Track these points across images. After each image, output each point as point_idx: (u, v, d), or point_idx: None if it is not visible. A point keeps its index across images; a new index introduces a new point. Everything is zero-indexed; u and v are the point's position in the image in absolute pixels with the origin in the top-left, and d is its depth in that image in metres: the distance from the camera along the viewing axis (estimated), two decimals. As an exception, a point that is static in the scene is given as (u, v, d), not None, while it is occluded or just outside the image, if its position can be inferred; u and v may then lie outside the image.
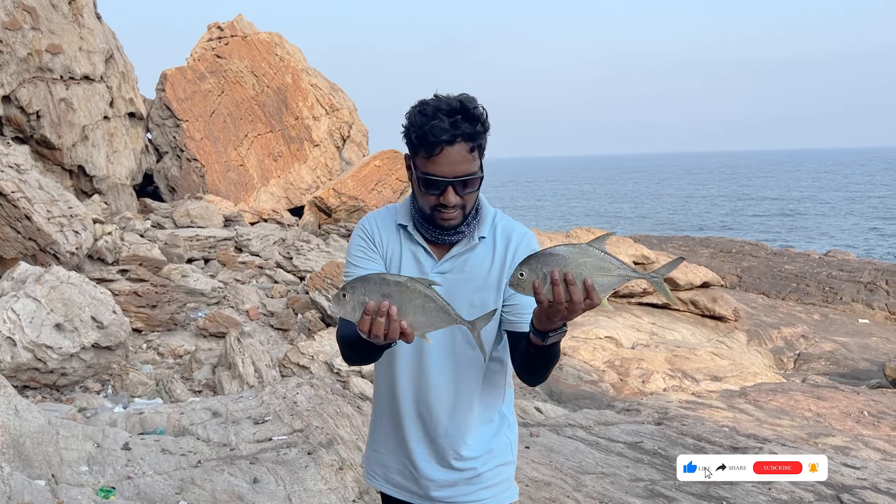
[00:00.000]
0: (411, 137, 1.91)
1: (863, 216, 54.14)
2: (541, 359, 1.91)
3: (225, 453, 4.58)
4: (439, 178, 1.89)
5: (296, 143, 19.47)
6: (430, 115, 1.87)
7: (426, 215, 1.99)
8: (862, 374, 11.62)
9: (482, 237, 2.04)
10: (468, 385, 2.07)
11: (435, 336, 1.97)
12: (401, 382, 2.08)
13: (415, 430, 2.10)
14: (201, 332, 8.48)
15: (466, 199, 1.94)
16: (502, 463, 2.16)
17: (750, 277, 19.83)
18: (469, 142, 1.88)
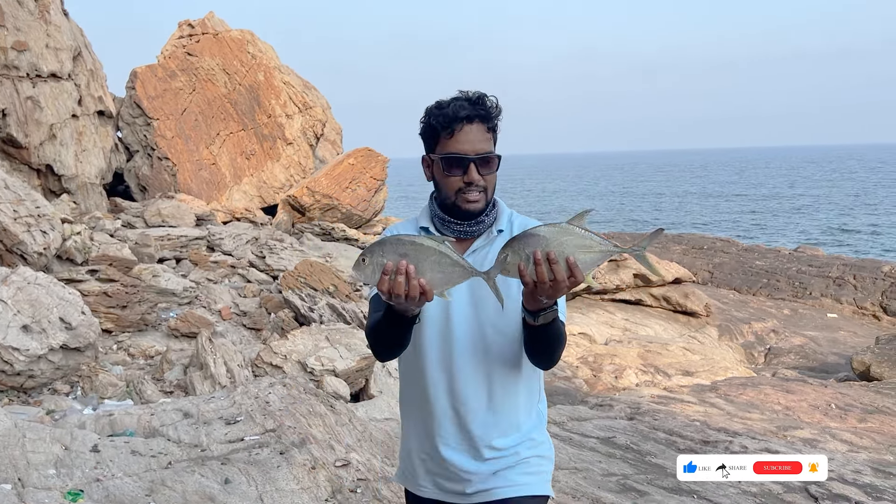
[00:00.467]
0: (431, 124, 2.04)
1: (832, 212, 54.96)
2: (540, 339, 1.93)
3: (196, 454, 4.54)
4: (461, 154, 1.99)
5: (269, 141, 19.33)
6: (449, 102, 2.02)
7: (448, 205, 2.06)
8: (830, 368, 11.80)
9: (500, 230, 2.09)
10: (502, 376, 2.07)
11: (463, 329, 2.03)
12: (431, 378, 2.07)
13: (450, 426, 2.08)
14: (173, 332, 8.40)
15: (488, 180, 2.03)
16: (544, 455, 2.16)
17: (721, 273, 20.05)
18: (486, 122, 2.02)
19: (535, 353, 2.00)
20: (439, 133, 2.02)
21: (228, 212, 17.31)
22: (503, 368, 2.06)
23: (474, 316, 2.05)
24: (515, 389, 2.09)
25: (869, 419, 6.56)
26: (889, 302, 17.33)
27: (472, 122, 2.00)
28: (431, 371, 2.06)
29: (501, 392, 2.07)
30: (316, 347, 7.15)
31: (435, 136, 2.04)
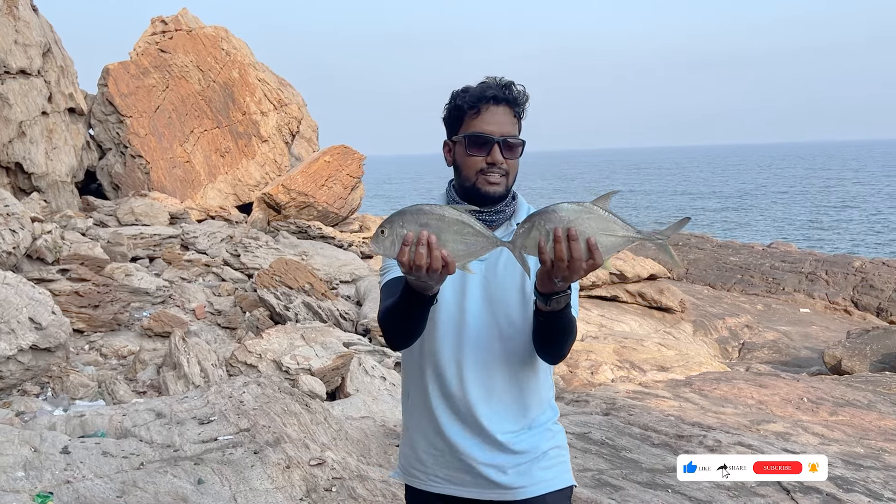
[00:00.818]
0: (457, 104, 2.01)
1: (805, 207, 55.66)
2: (550, 328, 1.88)
3: (168, 455, 4.49)
4: (486, 134, 1.96)
5: (243, 138, 19.19)
6: (477, 85, 2.01)
7: (468, 189, 2.02)
8: (803, 362, 11.96)
9: (519, 223, 2.04)
10: (516, 369, 2.03)
11: (477, 321, 1.98)
12: (443, 371, 2.02)
13: (464, 420, 2.03)
14: (146, 331, 8.31)
15: (510, 165, 2.00)
16: (560, 446, 2.14)
17: (696, 269, 20.23)
18: (513, 106, 2.00)
19: (544, 343, 1.95)
20: (464, 113, 2.00)
21: (203, 210, 17.17)
22: (518, 361, 2.02)
23: (489, 307, 2.00)
24: (529, 383, 2.06)
25: (840, 412, 6.64)
26: (860, 297, 17.59)
27: (500, 104, 1.98)
28: (443, 363, 2.02)
29: (515, 385, 2.03)
30: (291, 346, 7.11)
31: (460, 116, 2.01)
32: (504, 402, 2.03)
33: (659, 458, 5.31)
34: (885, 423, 6.37)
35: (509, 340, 2.00)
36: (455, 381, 2.01)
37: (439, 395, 2.04)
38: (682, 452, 5.47)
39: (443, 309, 1.99)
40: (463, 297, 2.00)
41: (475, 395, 2.01)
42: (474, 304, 2.00)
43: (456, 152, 2.04)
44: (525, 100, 2.03)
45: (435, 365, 2.03)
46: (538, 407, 2.09)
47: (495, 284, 1.99)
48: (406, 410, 2.19)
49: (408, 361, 2.15)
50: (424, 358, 2.06)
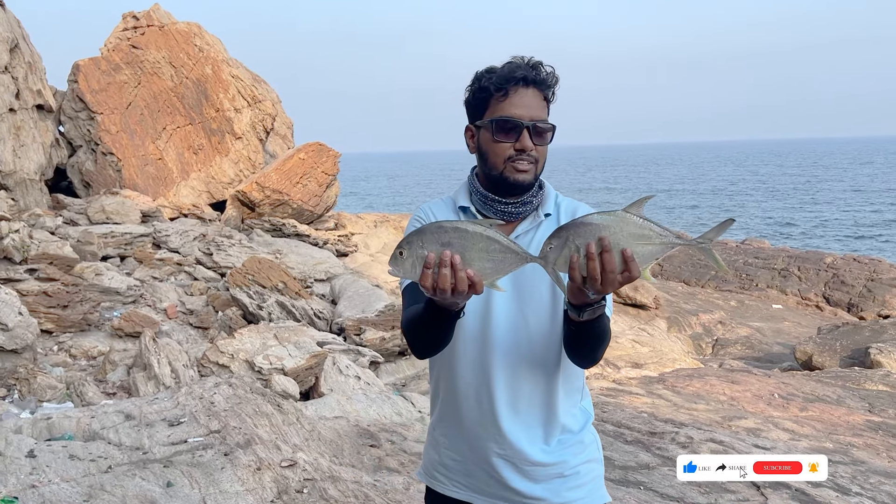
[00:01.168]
0: (482, 86, 1.87)
1: (778, 203, 56.29)
2: (583, 337, 1.77)
3: (137, 457, 4.43)
4: (515, 119, 1.83)
5: (217, 135, 19.01)
6: (504, 65, 1.87)
7: (495, 178, 1.89)
8: (775, 358, 12.08)
9: (548, 214, 1.94)
10: (546, 373, 1.91)
11: (505, 324, 1.87)
12: (468, 375, 1.93)
13: (489, 426, 1.92)
14: (116, 332, 8.20)
15: (540, 152, 1.87)
16: (593, 459, 2.01)
17: (671, 266, 20.37)
18: (543, 89, 1.87)
19: (577, 351, 1.83)
20: (490, 96, 1.86)
21: (176, 208, 16.98)
22: (547, 366, 1.91)
23: (517, 309, 1.89)
24: (560, 386, 1.94)
25: (810, 408, 6.72)
26: (831, 292, 17.81)
27: (529, 86, 1.84)
28: (468, 367, 1.92)
29: (546, 388, 1.92)
30: (264, 346, 7.05)
31: (485, 99, 1.87)
32: (533, 406, 1.92)
33: (631, 456, 5.33)
34: (853, 419, 6.45)
35: (539, 341, 1.90)
36: (481, 384, 1.91)
37: (465, 399, 1.94)
38: (654, 449, 5.51)
39: (468, 310, 1.86)
40: (489, 293, 1.88)
41: (502, 401, 1.90)
42: (502, 301, 1.89)
43: (481, 138, 1.90)
44: (555, 82, 1.89)
45: (461, 366, 1.93)
46: (570, 412, 1.98)
47: (524, 280, 1.87)
48: (434, 411, 2.09)
49: (435, 363, 2.05)
50: (452, 358, 1.95)
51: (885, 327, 10.69)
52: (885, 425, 6.30)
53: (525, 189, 1.91)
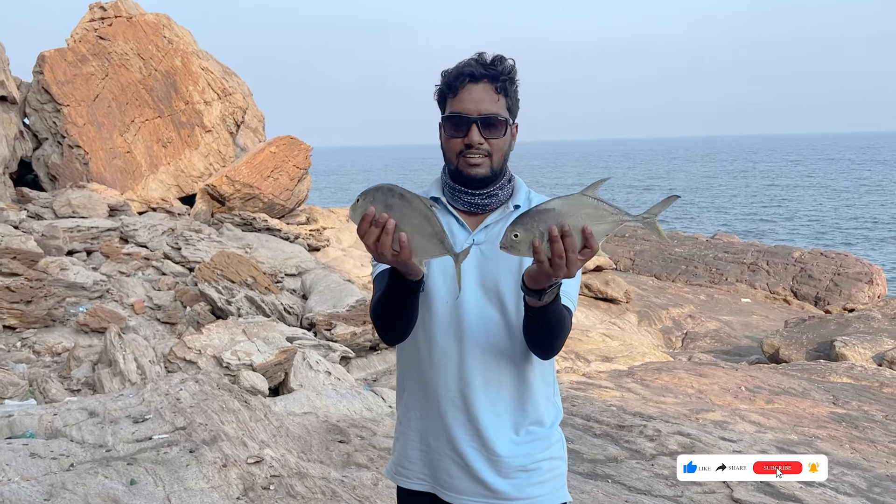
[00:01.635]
0: (440, 87, 1.93)
1: (747, 198, 56.99)
2: (540, 323, 1.78)
3: (100, 455, 4.36)
4: (463, 114, 1.87)
5: (186, 128, 18.77)
6: (460, 62, 1.91)
7: (453, 171, 1.94)
8: (743, 351, 12.23)
9: (517, 206, 1.96)
10: (518, 365, 1.93)
11: (475, 315, 1.90)
12: (438, 366, 1.94)
13: (459, 418, 1.93)
14: (82, 327, 8.07)
15: (492, 144, 1.89)
16: (557, 457, 2.02)
17: (642, 260, 20.52)
18: (494, 82, 1.89)
19: (536, 339, 1.84)
20: (446, 94, 1.92)
21: (144, 202, 16.76)
22: (516, 356, 1.92)
23: (486, 299, 1.91)
24: (532, 379, 1.95)
25: (776, 400, 6.80)
26: (799, 286, 18.07)
27: (479, 81, 1.88)
28: (438, 359, 1.93)
29: (517, 378, 1.94)
30: (232, 341, 6.98)
31: (444, 98, 1.93)
32: (504, 395, 1.94)
33: (600, 449, 5.36)
34: (817, 411, 6.54)
35: (509, 331, 1.91)
36: (453, 373, 1.93)
37: (436, 388, 1.95)
38: (622, 442, 5.54)
39: (437, 298, 1.92)
40: (453, 284, 1.89)
41: (475, 388, 1.91)
42: (470, 292, 1.91)
43: (441, 135, 1.96)
44: (510, 74, 1.91)
45: (430, 357, 1.95)
46: (541, 405, 1.99)
47: (489, 271, 1.90)
48: (401, 406, 2.10)
49: (403, 354, 2.06)
50: (419, 350, 1.97)
51: (850, 321, 10.86)
52: (848, 417, 6.39)
53: (481, 182, 1.93)
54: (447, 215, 1.99)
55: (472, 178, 1.92)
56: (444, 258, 1.76)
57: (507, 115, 1.93)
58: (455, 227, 1.97)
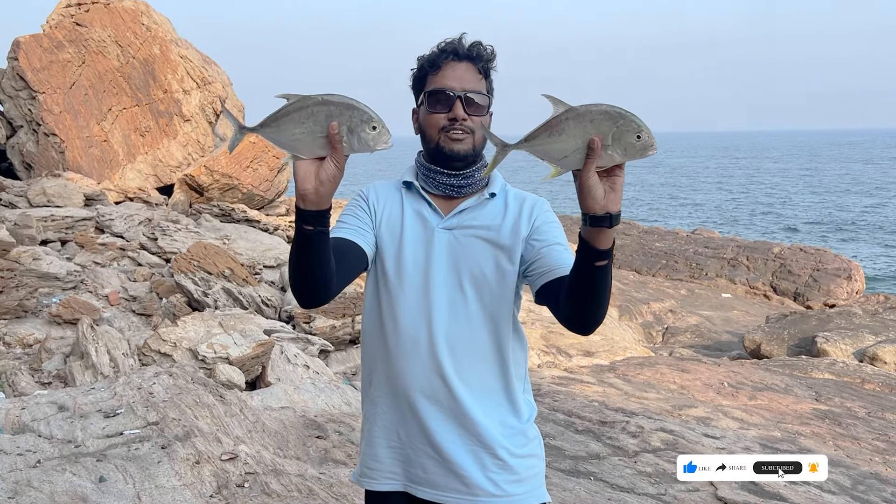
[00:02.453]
0: (421, 65, 1.89)
1: (729, 192, 57.37)
2: (599, 278, 1.56)
3: (69, 451, 4.22)
4: (447, 89, 1.82)
5: (165, 117, 18.49)
6: (440, 43, 1.88)
7: (432, 151, 1.87)
8: (724, 346, 12.23)
9: (493, 193, 1.89)
10: (493, 355, 1.84)
11: (444, 296, 1.80)
12: (406, 356, 1.83)
13: (432, 408, 1.82)
14: (54, 319, 7.88)
15: (475, 122, 1.84)
16: (535, 455, 1.93)
17: (623, 255, 20.53)
18: (477, 63, 1.87)
19: (593, 299, 1.61)
20: (427, 73, 1.87)
21: (121, 191, 16.50)
22: (493, 348, 1.84)
23: (457, 288, 1.83)
24: (506, 371, 1.86)
25: (758, 396, 6.76)
26: (778, 282, 18.14)
27: (461, 60, 1.85)
28: (406, 348, 1.83)
29: (491, 372, 1.84)
30: (208, 334, 6.83)
31: (423, 78, 1.89)
32: (478, 386, 1.84)
33: (582, 445, 5.28)
34: (800, 407, 6.51)
35: (481, 320, 1.83)
36: (423, 364, 1.82)
37: (403, 380, 1.84)
38: (604, 439, 5.47)
39: (406, 284, 1.83)
40: (428, 263, 1.84)
41: (448, 378, 1.81)
42: (440, 278, 1.83)
43: (420, 115, 1.90)
44: (490, 56, 1.89)
45: (398, 347, 1.84)
46: (516, 397, 1.89)
47: (462, 258, 1.83)
48: (366, 402, 1.98)
49: (368, 345, 1.95)
50: (387, 339, 1.86)
51: (832, 316, 10.89)
52: (831, 413, 6.37)
53: (463, 160, 1.87)
54: (419, 199, 1.91)
55: (454, 155, 1.85)
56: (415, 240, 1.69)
57: (488, 95, 1.89)
58: (426, 211, 1.90)
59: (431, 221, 1.88)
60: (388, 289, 1.87)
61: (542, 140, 1.49)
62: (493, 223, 1.87)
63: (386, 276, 1.87)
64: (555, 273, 1.76)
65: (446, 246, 1.85)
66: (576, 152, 1.47)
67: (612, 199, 1.48)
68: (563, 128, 1.46)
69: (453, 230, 1.86)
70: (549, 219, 1.90)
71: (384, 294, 1.88)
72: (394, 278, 1.85)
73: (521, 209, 1.90)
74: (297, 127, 1.52)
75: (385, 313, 1.87)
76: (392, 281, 1.86)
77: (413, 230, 1.88)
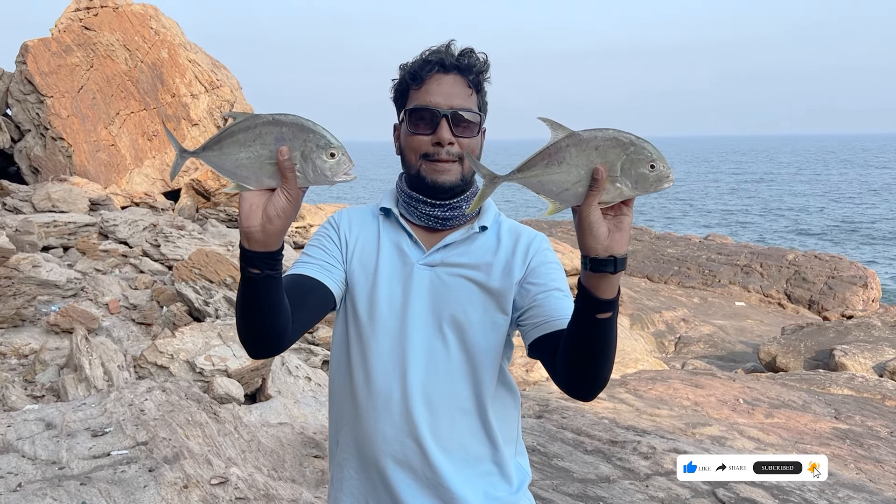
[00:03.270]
0: (402, 78, 1.63)
1: (741, 199, 56.92)
2: (602, 332, 1.33)
3: (52, 473, 4.03)
4: (431, 107, 1.56)
5: (172, 121, 18.39)
6: (424, 51, 1.63)
7: (413, 178, 1.60)
8: (738, 357, 11.95)
9: (484, 227, 1.63)
10: (470, 410, 1.59)
11: (422, 345, 1.55)
12: (376, 414, 1.58)
13: (403, 475, 1.58)
14: (52, 328, 7.71)
15: (463, 145, 1.58)
16: None
17: (634, 261, 20.25)
18: (467, 75, 1.60)
19: (587, 357, 1.39)
20: (409, 85, 1.62)
21: (128, 196, 16.39)
22: (476, 404, 1.59)
23: (437, 335, 1.58)
24: (492, 432, 1.62)
25: (775, 414, 6.50)
26: (793, 289, 17.82)
27: (449, 71, 1.59)
28: (377, 405, 1.58)
29: (475, 434, 1.61)
30: (207, 345, 6.64)
31: (405, 92, 1.63)
32: (459, 451, 1.59)
33: (591, 467, 5.05)
34: (819, 426, 6.25)
35: (464, 372, 1.58)
36: (395, 425, 1.57)
37: (373, 442, 1.60)
38: (615, 460, 5.24)
39: (379, 329, 1.59)
40: (405, 304, 1.59)
41: (422, 441, 1.57)
42: (419, 323, 1.58)
43: (401, 131, 1.65)
44: (483, 67, 1.62)
45: (369, 403, 1.60)
46: (505, 462, 1.65)
47: (445, 300, 1.58)
48: (333, 465, 1.73)
49: (336, 399, 1.70)
50: (356, 394, 1.62)
51: (850, 328, 10.59)
52: (851, 433, 6.10)
53: (450, 192, 1.61)
54: (398, 230, 1.66)
55: (436, 187, 1.59)
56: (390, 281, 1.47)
57: (481, 117, 1.62)
58: (406, 244, 1.64)
59: (411, 256, 1.63)
60: (358, 333, 1.62)
61: (538, 170, 1.27)
62: (482, 261, 1.62)
63: (357, 319, 1.62)
64: (551, 325, 1.50)
65: (427, 285, 1.60)
66: (577, 184, 1.25)
67: (617, 240, 1.26)
68: (564, 156, 1.24)
69: (435, 267, 1.61)
70: (547, 258, 1.64)
71: (354, 339, 1.63)
72: (366, 321, 1.60)
73: (516, 246, 1.64)
74: (243, 151, 1.28)
75: (355, 362, 1.62)
76: (364, 324, 1.61)
77: (389, 265, 1.62)
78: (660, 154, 1.23)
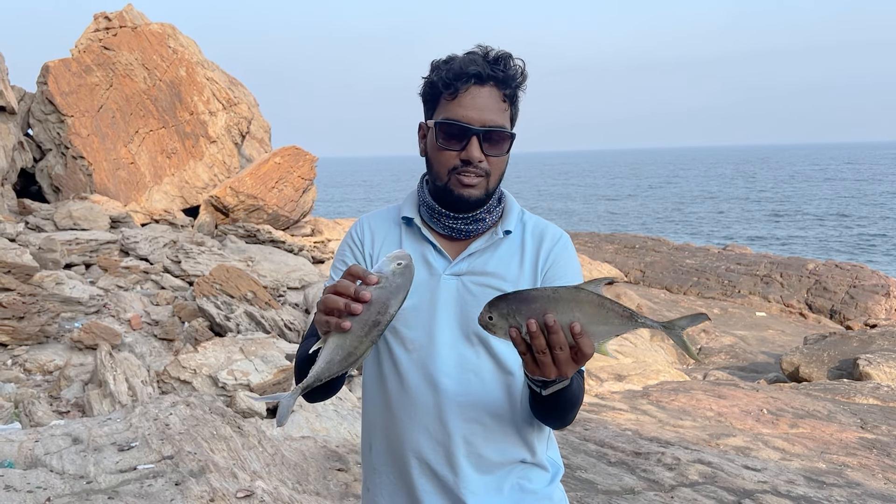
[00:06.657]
0: (433, 81, 1.57)
1: (761, 210, 56.53)
2: (548, 406, 1.47)
3: (80, 487, 4.06)
4: (464, 123, 1.53)
5: (191, 139, 18.56)
6: (460, 56, 1.56)
7: (440, 189, 1.60)
8: (760, 367, 11.85)
9: (508, 231, 1.63)
10: (503, 416, 1.60)
11: (450, 354, 1.58)
12: (409, 423, 1.60)
13: (428, 486, 1.60)
14: (76, 344, 7.79)
15: (492, 163, 1.57)
16: None
17: (653, 272, 20.16)
18: (503, 88, 1.55)
19: (542, 417, 1.55)
20: (441, 92, 1.56)
21: (147, 213, 16.53)
22: (509, 410, 1.60)
23: (466, 344, 1.59)
24: (527, 435, 1.63)
25: (800, 424, 6.44)
26: (813, 299, 17.67)
27: (485, 84, 1.54)
28: (410, 413, 1.60)
29: (509, 440, 1.61)
30: (229, 360, 6.68)
31: (435, 96, 1.58)
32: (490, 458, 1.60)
33: (615, 479, 5.02)
34: (845, 436, 6.18)
35: (494, 379, 1.60)
36: (427, 434, 1.59)
37: (403, 451, 1.61)
38: (639, 471, 5.21)
39: (409, 332, 1.60)
40: (432, 315, 1.59)
41: (455, 453, 1.58)
42: (446, 334, 1.58)
43: (428, 141, 1.62)
44: (521, 79, 1.58)
45: (403, 412, 1.61)
46: (538, 457, 1.67)
47: (473, 308, 1.56)
48: (368, 468, 1.73)
49: (369, 405, 1.71)
50: (391, 402, 1.63)
51: (873, 337, 10.48)
52: (878, 443, 6.03)
53: (473, 206, 1.60)
54: (422, 240, 1.65)
55: (462, 201, 1.58)
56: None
57: (511, 128, 1.60)
58: (431, 255, 1.64)
59: (437, 267, 1.63)
60: (389, 346, 1.63)
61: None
62: (507, 271, 1.62)
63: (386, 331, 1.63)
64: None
65: (454, 295, 1.60)
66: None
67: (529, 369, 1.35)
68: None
69: (462, 276, 1.61)
70: (564, 259, 1.65)
71: (385, 353, 1.64)
72: (395, 333, 1.61)
73: (539, 251, 1.64)
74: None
75: (386, 370, 1.64)
76: (394, 337, 1.62)
77: (416, 277, 1.60)
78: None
